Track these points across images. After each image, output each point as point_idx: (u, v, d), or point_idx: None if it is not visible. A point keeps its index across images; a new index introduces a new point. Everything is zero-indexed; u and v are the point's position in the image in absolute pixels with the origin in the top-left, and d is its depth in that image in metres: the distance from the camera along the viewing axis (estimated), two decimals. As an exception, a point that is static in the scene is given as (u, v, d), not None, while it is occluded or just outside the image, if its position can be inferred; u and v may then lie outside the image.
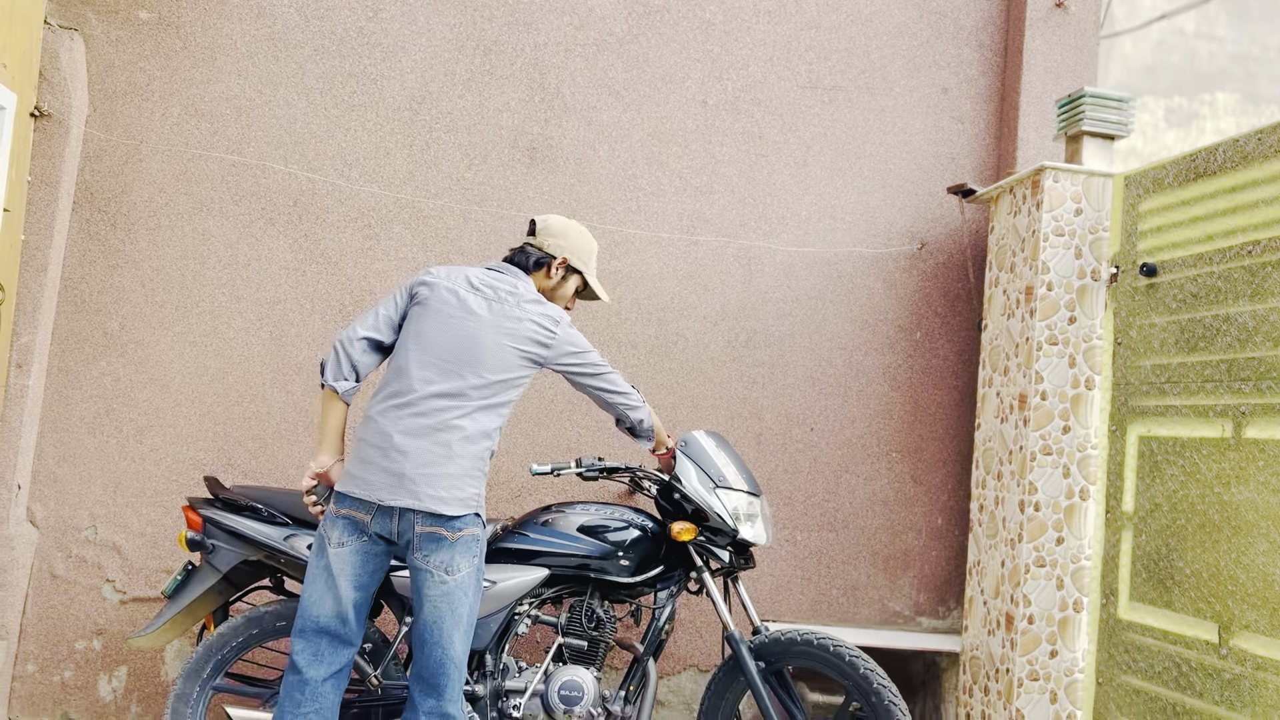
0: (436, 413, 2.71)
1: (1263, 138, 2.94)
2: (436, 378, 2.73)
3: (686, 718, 3.89)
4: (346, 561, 2.73)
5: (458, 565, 2.70)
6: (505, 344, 2.79)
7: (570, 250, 3.03)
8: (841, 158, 4.16)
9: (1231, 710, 2.82)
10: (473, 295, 2.83)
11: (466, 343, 2.77)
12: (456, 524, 2.69)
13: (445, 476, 2.68)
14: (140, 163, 3.76)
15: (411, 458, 2.67)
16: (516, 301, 2.85)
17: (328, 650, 2.74)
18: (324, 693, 2.73)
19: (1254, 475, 2.84)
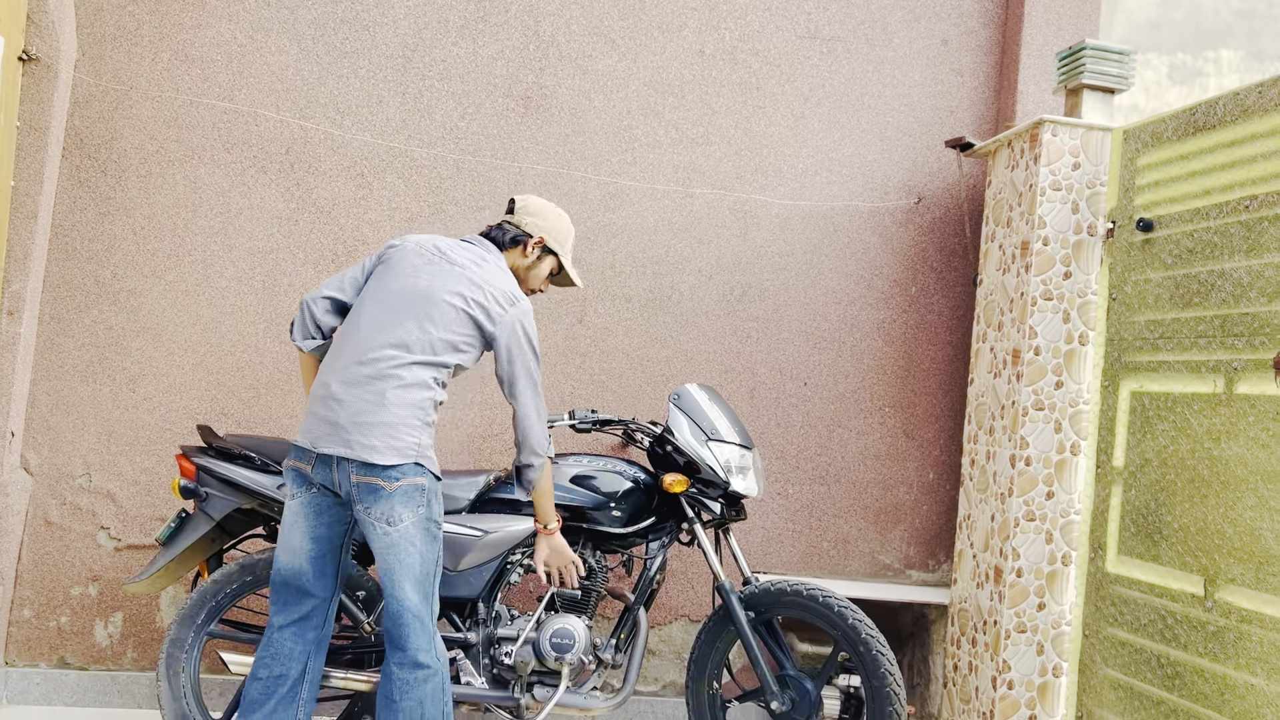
0: (375, 362, 2.69)
1: (1263, 91, 2.91)
2: (381, 329, 2.72)
3: (677, 667, 3.93)
4: (298, 514, 2.76)
5: (399, 516, 2.66)
6: (457, 304, 2.75)
7: (548, 231, 3.00)
8: (839, 110, 4.12)
9: (1215, 662, 2.86)
10: (437, 257, 2.82)
11: (419, 297, 2.75)
12: (392, 474, 2.64)
13: (379, 425, 2.65)
14: (130, 109, 3.72)
15: (346, 406, 2.67)
16: (481, 270, 2.83)
17: (290, 599, 2.78)
18: (281, 640, 2.78)
19: (1244, 430, 2.85)
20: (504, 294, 2.82)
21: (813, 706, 3.15)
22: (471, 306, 2.77)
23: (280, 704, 2.76)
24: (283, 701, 2.76)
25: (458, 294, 2.76)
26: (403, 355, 2.70)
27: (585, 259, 3.94)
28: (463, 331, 2.76)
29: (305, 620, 2.79)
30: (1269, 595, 2.71)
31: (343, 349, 2.75)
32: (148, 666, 3.66)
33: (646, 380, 3.96)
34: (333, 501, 2.76)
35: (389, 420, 2.65)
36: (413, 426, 2.68)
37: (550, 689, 3.08)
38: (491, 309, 2.79)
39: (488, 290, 2.80)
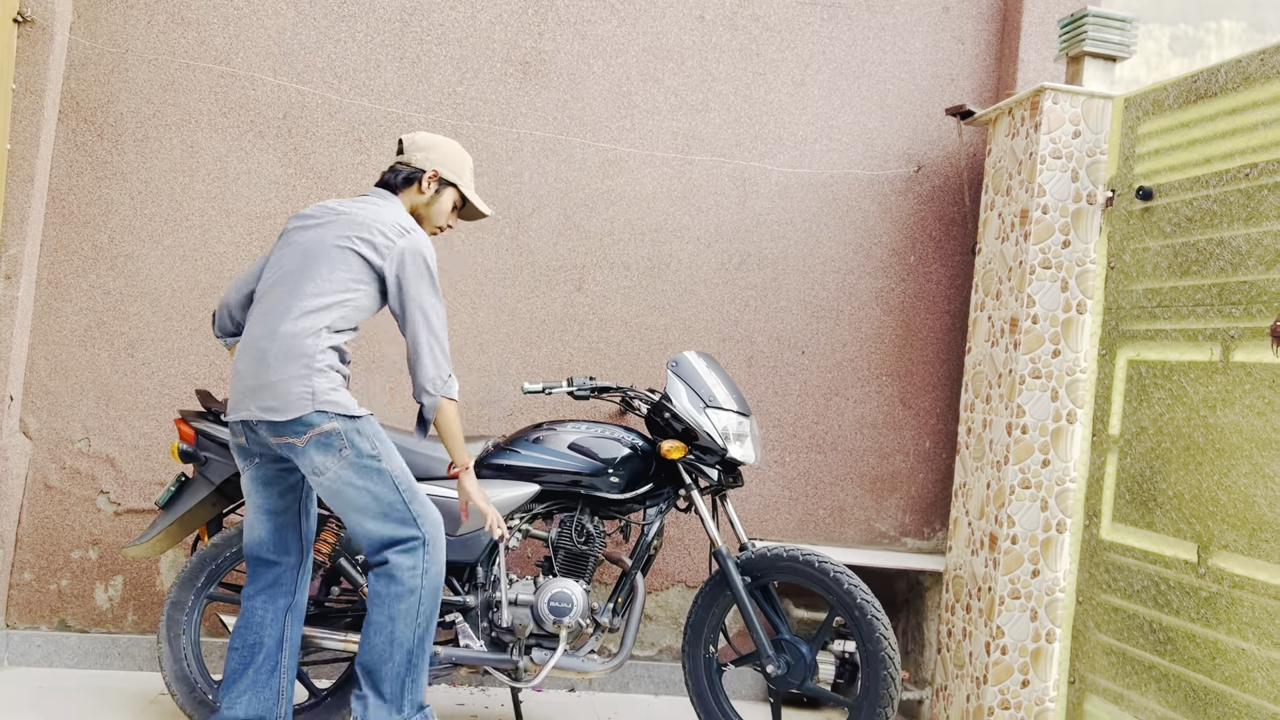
0: (267, 330, 2.68)
1: (1265, 58, 2.90)
2: (271, 294, 2.73)
3: (673, 632, 3.96)
4: (250, 489, 2.80)
5: (322, 465, 2.64)
6: (341, 246, 2.71)
7: (440, 163, 2.93)
8: (840, 77, 4.10)
9: (1207, 627, 2.89)
10: (324, 213, 2.80)
11: (301, 255, 2.73)
12: (296, 428, 2.61)
13: (267, 385, 2.63)
14: (126, 72, 3.70)
15: (243, 377, 2.70)
16: (368, 211, 2.78)
17: (258, 569, 2.84)
18: (252, 609, 2.81)
19: (1240, 398, 2.86)
20: (392, 227, 2.75)
21: (808, 670, 3.18)
22: (355, 244, 2.71)
23: (260, 673, 2.78)
24: (262, 670, 2.78)
25: (341, 238, 2.72)
26: (287, 315, 2.67)
27: (584, 226, 3.93)
28: (349, 272, 2.70)
29: (274, 587, 2.82)
30: (1261, 561, 2.74)
31: (246, 317, 2.82)
32: (148, 629, 3.69)
33: (644, 348, 3.97)
34: (277, 469, 2.77)
35: (275, 378, 2.63)
36: (300, 377, 2.62)
37: (548, 652, 3.11)
38: (378, 242, 2.72)
39: (374, 226, 2.74)
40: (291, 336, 2.64)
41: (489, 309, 3.87)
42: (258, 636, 2.78)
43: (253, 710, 2.75)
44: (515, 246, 3.90)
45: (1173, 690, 2.98)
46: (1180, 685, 2.95)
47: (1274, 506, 2.71)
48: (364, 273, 2.72)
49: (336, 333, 2.69)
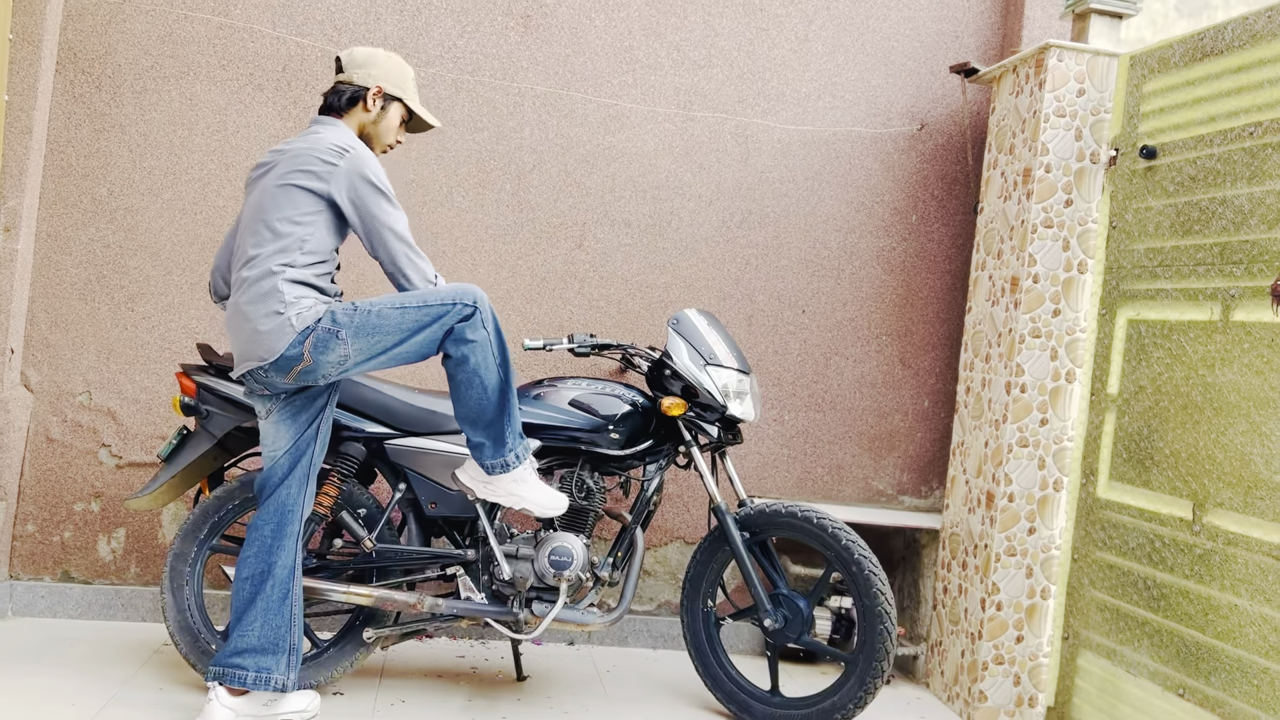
0: (235, 285, 2.77)
1: (1273, 16, 2.87)
2: (236, 251, 2.80)
3: (672, 587, 4.00)
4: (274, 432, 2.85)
5: (343, 353, 2.70)
6: (286, 183, 2.71)
7: (383, 78, 2.89)
8: (843, 33, 4.07)
9: (1200, 583, 2.92)
10: (270, 157, 2.82)
11: (255, 201, 2.77)
12: (292, 355, 2.68)
13: (253, 335, 2.70)
14: (124, 22, 3.66)
15: (234, 335, 2.78)
16: (305, 142, 2.77)
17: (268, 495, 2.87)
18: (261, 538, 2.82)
19: (1238, 357, 2.87)
20: (329, 150, 2.72)
21: (805, 625, 3.21)
22: (295, 179, 2.71)
23: (270, 600, 2.77)
24: (272, 598, 2.77)
25: (280, 177, 2.73)
26: (249, 264, 2.73)
27: (585, 182, 3.92)
28: (296, 208, 2.71)
29: (284, 512, 2.82)
30: (1256, 519, 2.76)
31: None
32: (151, 581, 3.72)
33: (645, 305, 3.97)
34: (305, 398, 2.83)
35: (255, 326, 2.70)
36: (275, 316, 2.67)
37: (548, 605, 3.14)
38: (317, 169, 2.70)
39: (310, 155, 2.72)
40: (255, 282, 2.70)
41: (489, 265, 3.87)
42: (266, 563, 2.78)
43: (266, 637, 2.76)
44: (516, 203, 3.89)
45: (1165, 645, 3.02)
46: (1173, 641, 2.99)
47: (1270, 465, 2.73)
48: (311, 203, 2.72)
49: (302, 268, 2.72)
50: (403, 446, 3.16)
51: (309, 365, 2.70)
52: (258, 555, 2.80)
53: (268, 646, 2.76)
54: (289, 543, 2.81)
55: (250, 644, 2.75)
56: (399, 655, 3.63)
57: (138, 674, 3.20)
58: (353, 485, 3.16)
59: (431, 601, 3.11)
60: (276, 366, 2.70)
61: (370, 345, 2.73)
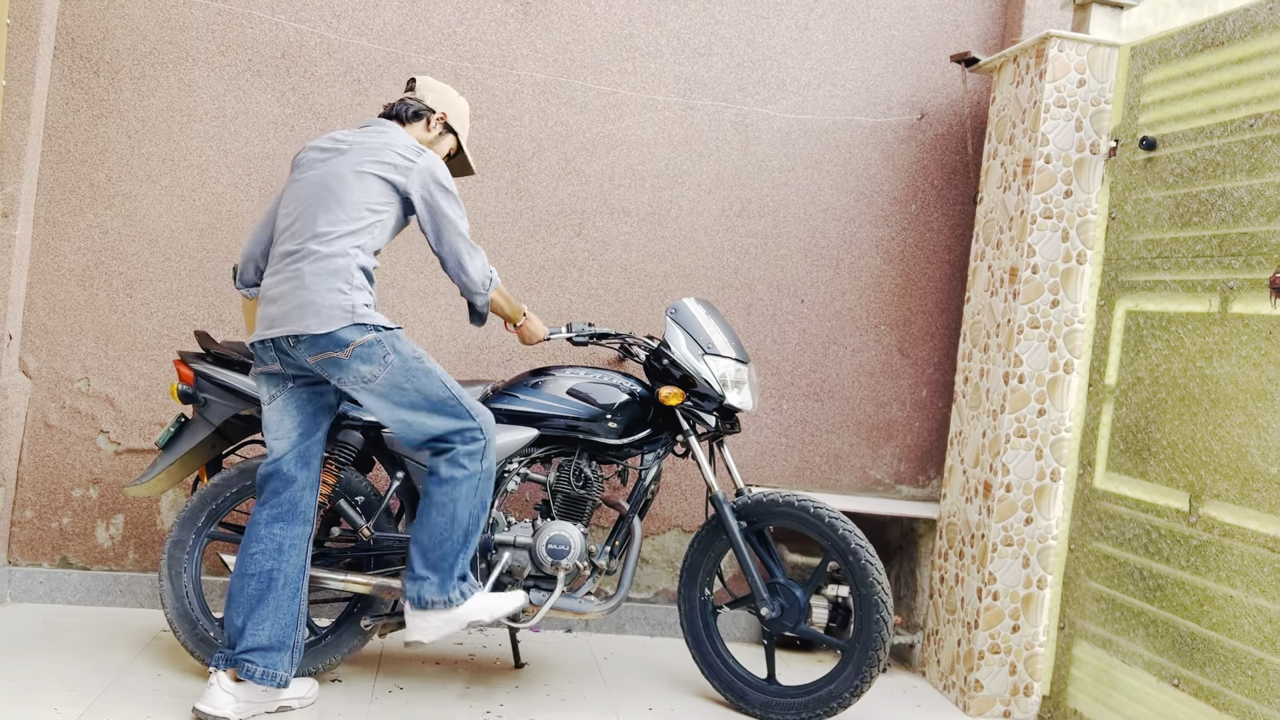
0: (293, 253, 2.76)
1: (1274, 7, 2.87)
2: (295, 224, 2.79)
3: (669, 575, 4.01)
4: (283, 410, 2.85)
5: (370, 374, 2.73)
6: (361, 171, 2.78)
7: (449, 108, 3.05)
8: (844, 21, 4.06)
9: (1196, 574, 2.93)
10: (332, 144, 2.86)
11: (319, 187, 2.79)
12: (338, 340, 2.69)
13: (306, 304, 2.70)
14: (122, 7, 3.65)
15: (278, 301, 2.75)
16: (379, 138, 2.85)
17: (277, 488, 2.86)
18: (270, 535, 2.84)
19: (1236, 349, 2.87)
20: (408, 148, 2.86)
21: (802, 613, 3.22)
22: (374, 168, 2.79)
23: (280, 599, 2.80)
24: (282, 597, 2.81)
25: (358, 163, 2.79)
26: (319, 238, 2.74)
27: (584, 170, 3.91)
28: (371, 195, 2.78)
29: (291, 513, 2.84)
30: (1252, 510, 2.77)
31: (272, 252, 2.85)
32: (149, 568, 3.73)
33: (644, 294, 3.97)
34: (311, 391, 2.84)
35: (314, 296, 2.70)
36: (339, 292, 2.70)
37: (545, 593, 3.14)
38: (398, 163, 2.81)
39: (388, 149, 2.82)
40: (327, 257, 2.72)
41: (488, 253, 3.86)
42: (276, 563, 2.80)
43: (276, 636, 2.80)
44: (515, 191, 3.88)
45: (1161, 636, 3.03)
46: (1168, 631, 3.00)
47: (1266, 457, 2.74)
48: (386, 194, 2.80)
49: (367, 255, 2.78)
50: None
51: (344, 359, 2.71)
52: (265, 554, 2.81)
53: (276, 644, 2.80)
54: (302, 544, 2.85)
55: (261, 642, 2.78)
56: (397, 642, 3.64)
57: (136, 660, 3.21)
58: (351, 473, 3.16)
59: (429, 589, 3.11)
60: (316, 343, 2.69)
61: (397, 386, 2.76)
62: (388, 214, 2.82)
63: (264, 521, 2.83)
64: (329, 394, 2.89)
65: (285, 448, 2.85)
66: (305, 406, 2.85)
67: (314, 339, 2.69)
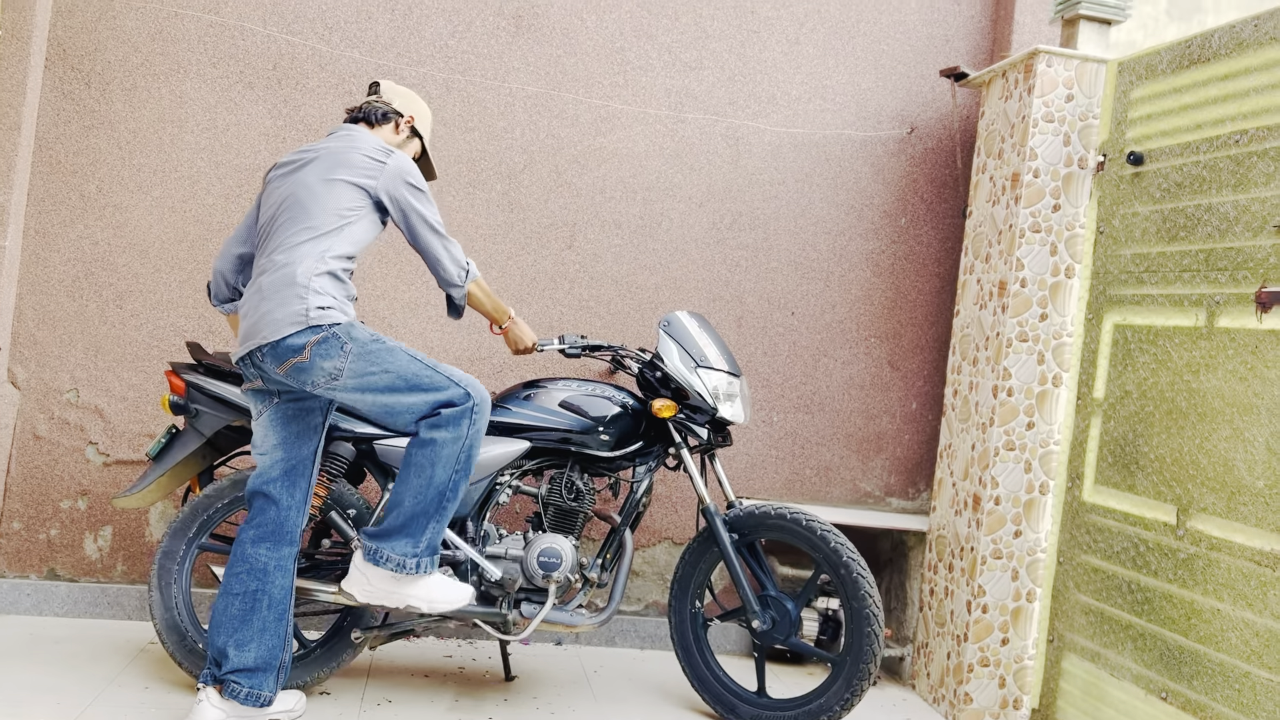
0: (261, 269, 2.76)
1: (1259, 24, 2.90)
2: (267, 241, 2.79)
3: (660, 587, 4.01)
4: (268, 426, 2.84)
5: (335, 369, 2.68)
6: (333, 178, 2.76)
7: (416, 111, 3.08)
8: (834, 36, 4.08)
9: (1184, 588, 2.94)
10: (299, 156, 2.85)
11: (289, 194, 2.78)
12: (294, 344, 2.65)
13: (264, 315, 2.68)
14: (114, 19, 3.65)
15: (247, 316, 2.74)
16: (347, 142, 2.84)
17: (263, 508, 2.84)
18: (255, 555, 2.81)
19: (1223, 363, 2.90)
20: (376, 149, 2.83)
21: (793, 626, 3.23)
22: (342, 174, 2.77)
23: (267, 621, 2.78)
24: (269, 618, 2.78)
25: (325, 171, 2.77)
26: (281, 248, 2.73)
27: (575, 183, 3.92)
28: (345, 199, 2.76)
29: (278, 533, 2.82)
30: (1238, 524, 2.78)
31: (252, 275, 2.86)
32: (138, 579, 3.71)
33: (635, 307, 3.98)
34: (297, 407, 2.83)
35: (272, 306, 2.68)
36: (295, 299, 2.66)
37: (537, 606, 3.14)
38: (367, 166, 2.79)
39: (355, 154, 2.80)
40: (284, 265, 2.70)
41: (479, 265, 3.87)
42: (261, 584, 2.78)
43: (262, 657, 2.77)
44: (506, 203, 3.89)
45: (1149, 649, 3.04)
46: (1156, 644, 3.02)
47: (1252, 470, 2.76)
48: (357, 198, 2.78)
49: (333, 258, 2.74)
50: (392, 447, 3.16)
51: (304, 362, 2.67)
52: (250, 574, 2.79)
53: (262, 666, 2.78)
54: (288, 565, 2.83)
55: (246, 663, 2.76)
56: (386, 655, 3.63)
57: (124, 672, 3.20)
58: (342, 485, 3.16)
59: (420, 602, 3.10)
60: (275, 352, 2.67)
61: (365, 373, 2.71)
62: (358, 217, 2.78)
63: (249, 541, 2.81)
64: (315, 413, 2.86)
65: (269, 464, 2.83)
66: (290, 424, 2.83)
67: (273, 347, 2.66)
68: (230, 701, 2.76)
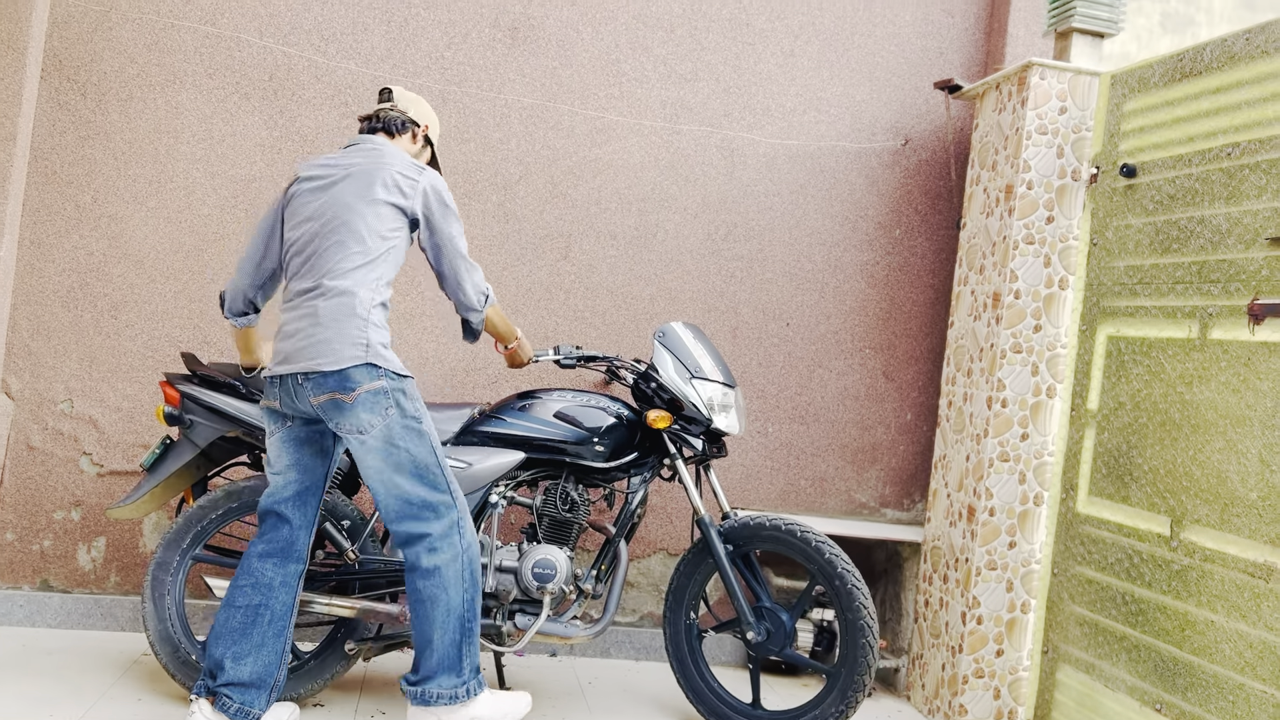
0: (310, 291, 2.72)
1: (1250, 38, 2.92)
2: (309, 261, 2.74)
3: (655, 598, 4.01)
4: (280, 447, 2.81)
5: (367, 424, 2.66)
6: (375, 198, 2.73)
7: (430, 121, 3.05)
8: (829, 48, 4.10)
9: (1178, 599, 2.95)
10: (327, 170, 2.81)
11: (334, 214, 2.74)
12: (346, 383, 2.63)
13: (322, 342, 2.65)
14: (110, 30, 3.66)
15: (295, 337, 2.70)
16: (377, 158, 2.80)
17: (273, 525, 2.81)
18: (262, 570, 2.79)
19: (1216, 375, 2.90)
20: (409, 166, 2.81)
21: (787, 638, 3.22)
22: (383, 193, 2.74)
23: (266, 636, 2.77)
24: (268, 633, 2.77)
25: (365, 189, 2.74)
26: (334, 273, 2.70)
27: (570, 194, 3.93)
28: (384, 223, 2.74)
29: (287, 551, 2.81)
30: (1232, 535, 2.79)
31: (286, 292, 2.82)
32: (131, 591, 3.70)
33: (630, 317, 3.98)
34: (311, 430, 2.80)
35: (330, 334, 2.65)
36: (356, 329, 2.66)
37: (531, 617, 3.14)
38: (402, 185, 2.77)
39: (392, 171, 2.77)
40: (344, 293, 2.67)
41: (475, 276, 3.87)
42: (264, 599, 2.77)
43: (257, 673, 2.76)
44: (502, 214, 3.90)
45: (1143, 661, 3.04)
46: (1150, 656, 3.02)
47: (1245, 482, 2.76)
48: (396, 219, 2.77)
49: (384, 286, 2.75)
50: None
51: (346, 402, 2.64)
52: (255, 588, 2.78)
53: (257, 682, 2.76)
54: (293, 582, 2.82)
55: (241, 677, 2.74)
56: (381, 666, 3.62)
57: (116, 684, 3.19)
58: (336, 496, 3.16)
59: (414, 613, 3.10)
60: (324, 382, 2.64)
61: (389, 443, 2.69)
62: (398, 239, 2.77)
63: (257, 555, 2.80)
64: (328, 437, 2.83)
65: (282, 484, 2.81)
66: (304, 446, 2.80)
67: (323, 378, 2.63)
68: (220, 715, 2.74)
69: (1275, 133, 2.81)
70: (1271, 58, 2.84)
